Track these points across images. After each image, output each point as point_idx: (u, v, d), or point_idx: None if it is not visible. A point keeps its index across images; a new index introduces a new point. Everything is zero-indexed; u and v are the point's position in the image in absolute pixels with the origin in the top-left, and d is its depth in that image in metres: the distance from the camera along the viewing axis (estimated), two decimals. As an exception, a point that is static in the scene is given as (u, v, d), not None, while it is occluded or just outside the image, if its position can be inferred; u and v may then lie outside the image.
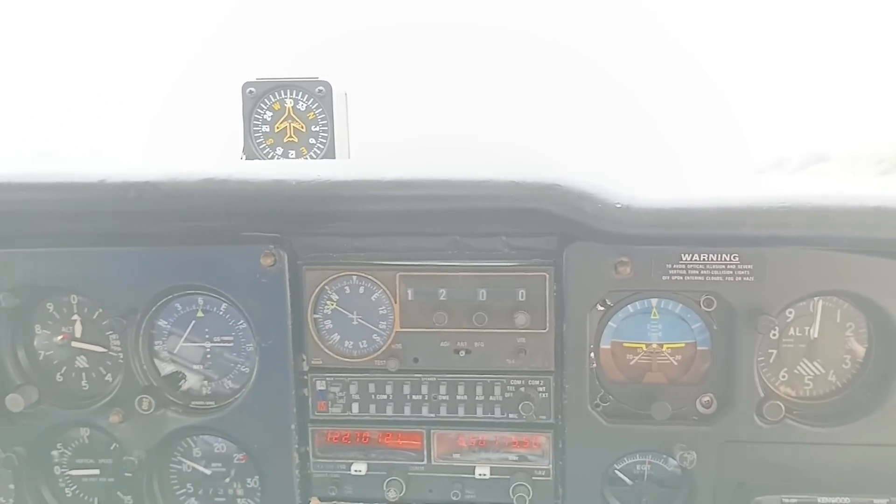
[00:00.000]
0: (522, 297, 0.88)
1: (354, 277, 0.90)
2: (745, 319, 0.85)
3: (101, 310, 0.93)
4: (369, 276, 0.90)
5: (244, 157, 1.03)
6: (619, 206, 0.75)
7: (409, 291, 0.89)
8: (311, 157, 1.01)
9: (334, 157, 1.02)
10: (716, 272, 0.84)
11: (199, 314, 0.94)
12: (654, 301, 0.91)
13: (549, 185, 0.75)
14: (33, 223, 0.82)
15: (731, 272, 0.84)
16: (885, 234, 0.76)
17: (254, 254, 0.87)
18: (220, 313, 0.94)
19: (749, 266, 0.83)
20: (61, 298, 0.95)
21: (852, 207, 0.73)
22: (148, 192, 0.77)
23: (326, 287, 0.91)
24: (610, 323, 0.91)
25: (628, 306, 0.91)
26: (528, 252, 0.88)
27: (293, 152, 1.01)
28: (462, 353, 0.89)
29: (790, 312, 0.88)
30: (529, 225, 0.79)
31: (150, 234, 0.85)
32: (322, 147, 1.01)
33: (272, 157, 1.02)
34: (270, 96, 1.00)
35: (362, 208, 0.77)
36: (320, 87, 0.99)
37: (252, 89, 0.99)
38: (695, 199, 0.75)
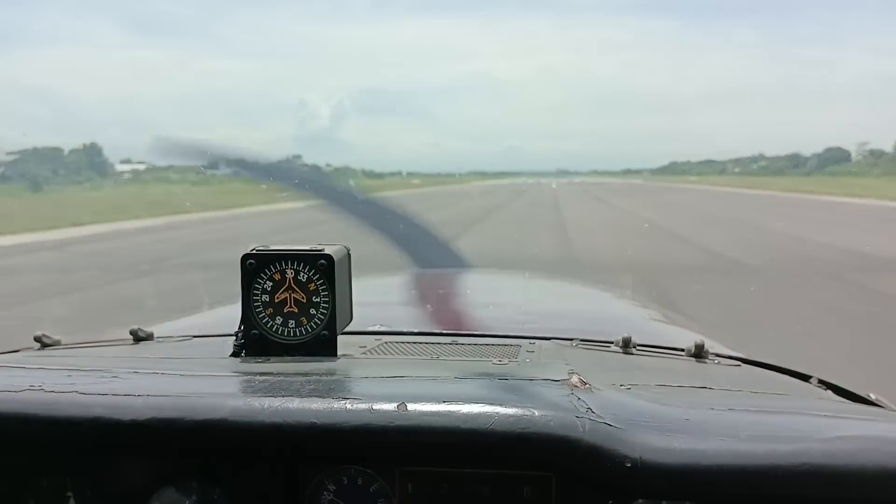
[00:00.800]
0: (528, 496, 0.89)
1: (353, 469, 0.92)
2: None
3: (92, 492, 0.96)
4: (367, 470, 0.92)
5: (240, 336, 1.05)
6: (629, 465, 0.76)
7: (409, 486, 0.91)
8: (313, 327, 1.03)
9: (335, 328, 1.03)
10: None
11: (194, 497, 0.96)
12: (663, 502, 0.92)
13: (557, 439, 0.77)
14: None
15: None
16: None
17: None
18: (215, 498, 0.96)
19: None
20: (55, 477, 0.98)
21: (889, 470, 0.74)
22: (139, 432, 0.80)
23: (324, 479, 0.93)
24: None
25: (639, 501, 0.92)
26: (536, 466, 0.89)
27: (293, 322, 1.03)
28: None
29: None
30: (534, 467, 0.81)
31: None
32: (323, 317, 1.03)
33: (272, 327, 1.04)
34: (271, 267, 1.01)
35: (368, 453, 0.81)
36: (322, 260, 1.00)
37: (252, 261, 1.01)
38: (714, 453, 0.77)
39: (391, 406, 0.81)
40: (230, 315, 1.14)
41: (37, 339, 1.22)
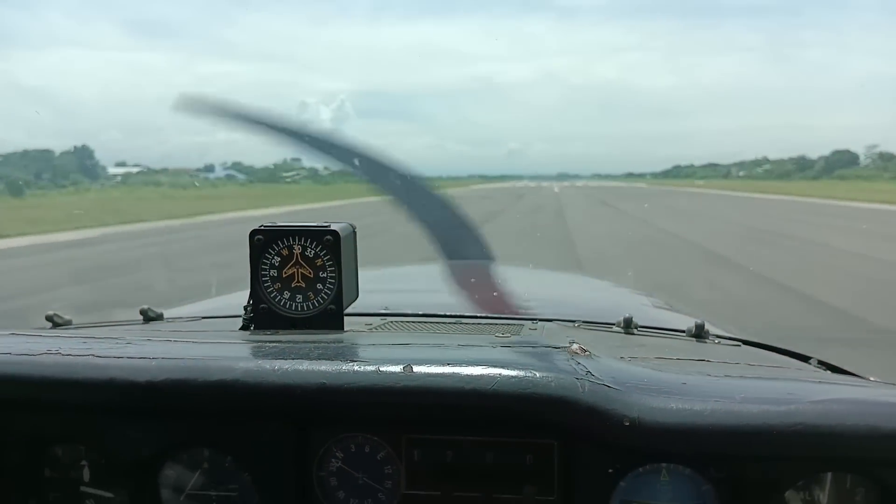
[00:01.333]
0: (530, 463, 0.96)
1: (360, 437, 0.99)
2: (755, 492, 0.92)
3: (106, 461, 1.03)
4: (374, 437, 0.98)
5: (249, 309, 1.12)
6: (627, 423, 0.83)
7: (415, 453, 0.98)
8: (320, 301, 1.10)
9: (342, 302, 1.10)
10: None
11: (205, 465, 1.03)
12: (663, 465, 0.98)
13: (557, 399, 0.84)
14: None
15: None
16: None
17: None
18: (226, 465, 1.03)
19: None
20: (70, 445, 1.04)
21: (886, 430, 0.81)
22: (154, 393, 0.87)
23: (332, 446, 0.99)
24: (621, 483, 0.99)
25: (639, 468, 0.98)
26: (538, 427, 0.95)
27: (300, 296, 1.10)
28: None
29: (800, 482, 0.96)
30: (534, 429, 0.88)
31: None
32: (330, 292, 1.10)
33: (280, 301, 1.11)
34: (279, 242, 1.09)
35: (371, 413, 0.87)
36: (328, 236, 1.08)
37: (260, 237, 1.08)
38: (711, 413, 0.83)
39: (398, 368, 0.88)
40: (239, 299, 1.21)
41: (48, 319, 1.30)
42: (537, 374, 0.87)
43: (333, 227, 1.10)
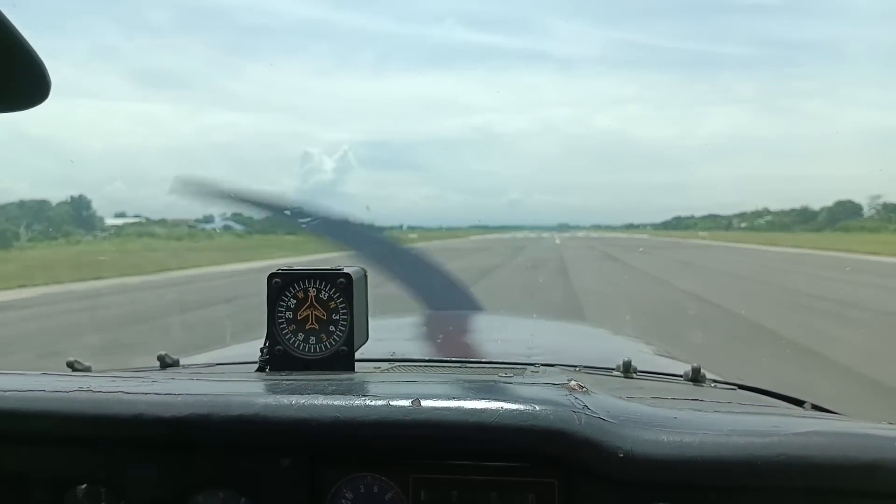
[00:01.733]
0: (532, 502, 1.02)
1: (369, 477, 1.05)
2: None
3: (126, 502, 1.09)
4: (382, 477, 1.05)
5: (265, 351, 1.20)
6: (621, 455, 0.90)
7: (422, 493, 1.04)
8: (332, 343, 1.18)
9: (353, 344, 1.18)
10: None
11: None
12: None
13: (555, 431, 0.91)
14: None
15: None
16: None
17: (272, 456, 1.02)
18: None
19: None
20: (91, 486, 1.10)
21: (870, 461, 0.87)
22: (180, 427, 0.95)
23: (343, 486, 1.06)
24: None
25: None
26: (538, 458, 1.02)
27: (314, 338, 1.18)
28: None
29: None
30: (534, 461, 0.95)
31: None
32: (342, 334, 1.18)
33: (294, 343, 1.19)
34: (295, 285, 1.17)
35: (381, 446, 0.95)
36: (341, 279, 1.17)
37: (278, 280, 1.17)
38: (699, 445, 0.90)
39: (406, 402, 0.96)
40: (250, 348, 1.29)
41: (69, 365, 1.37)
42: (537, 408, 0.94)
43: (346, 270, 1.18)
